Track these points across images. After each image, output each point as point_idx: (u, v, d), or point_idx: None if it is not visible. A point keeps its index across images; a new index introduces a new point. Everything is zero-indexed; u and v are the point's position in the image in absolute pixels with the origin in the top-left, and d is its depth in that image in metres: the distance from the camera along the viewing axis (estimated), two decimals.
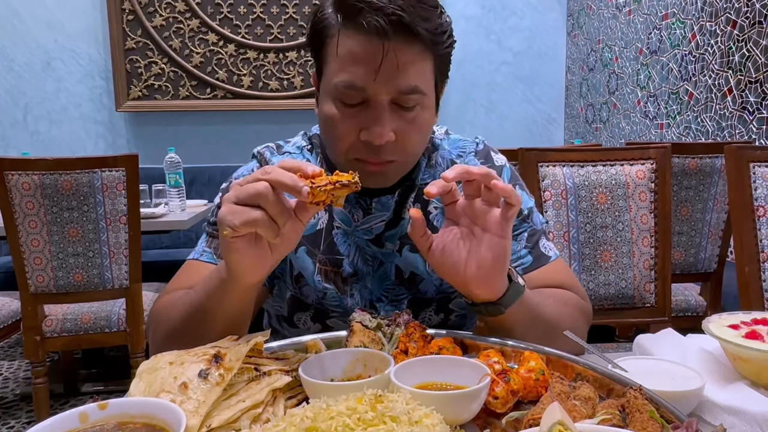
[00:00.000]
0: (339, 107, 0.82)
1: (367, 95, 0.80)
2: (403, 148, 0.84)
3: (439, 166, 0.97)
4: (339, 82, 0.80)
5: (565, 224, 1.62)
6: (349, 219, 0.94)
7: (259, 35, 3.82)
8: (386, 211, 0.93)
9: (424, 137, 0.88)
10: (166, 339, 0.82)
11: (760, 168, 1.34)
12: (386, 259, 0.94)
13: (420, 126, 0.84)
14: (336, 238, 0.94)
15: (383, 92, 0.79)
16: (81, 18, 3.74)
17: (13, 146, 3.78)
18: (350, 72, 0.79)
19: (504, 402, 0.64)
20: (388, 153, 0.82)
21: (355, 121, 0.81)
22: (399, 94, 0.80)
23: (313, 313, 0.96)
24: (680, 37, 2.79)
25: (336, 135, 0.83)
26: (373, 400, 0.57)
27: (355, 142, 0.82)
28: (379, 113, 0.80)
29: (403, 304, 0.95)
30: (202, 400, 0.58)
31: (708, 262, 2.13)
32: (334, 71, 0.81)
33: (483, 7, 4.02)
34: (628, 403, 0.60)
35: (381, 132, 0.79)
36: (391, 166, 0.85)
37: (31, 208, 2.05)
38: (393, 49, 0.77)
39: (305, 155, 0.98)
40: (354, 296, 0.94)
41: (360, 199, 0.92)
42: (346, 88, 0.80)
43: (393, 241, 0.93)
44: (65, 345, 2.26)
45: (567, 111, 4.17)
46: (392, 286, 0.95)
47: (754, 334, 0.76)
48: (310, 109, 3.86)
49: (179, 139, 3.86)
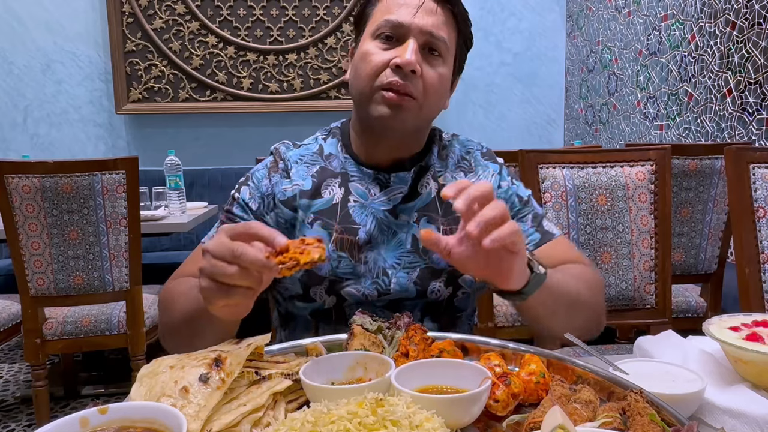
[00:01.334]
0: (377, 44, 0.95)
1: (404, 32, 0.94)
2: (424, 88, 0.94)
3: (450, 159, 1.08)
4: (384, 20, 0.95)
5: (565, 226, 1.62)
6: (366, 194, 1.01)
7: (259, 37, 3.82)
8: (404, 185, 1.01)
9: (441, 90, 0.98)
10: (170, 332, 0.92)
11: (760, 169, 1.34)
12: (401, 230, 1.00)
13: (440, 75, 0.96)
14: (352, 210, 1.00)
15: (418, 31, 0.93)
16: (81, 20, 3.74)
17: (13, 149, 3.78)
18: (395, 13, 0.94)
19: (505, 405, 0.64)
20: (411, 84, 0.93)
21: (389, 54, 0.94)
22: (430, 37, 0.94)
23: (328, 285, 0.98)
24: (679, 38, 2.80)
25: (370, 65, 0.94)
26: (373, 404, 0.57)
27: (385, 70, 0.93)
28: (412, 44, 0.93)
29: (416, 272, 0.99)
30: (203, 404, 0.58)
31: (708, 264, 2.13)
32: (380, 15, 0.96)
33: (482, 9, 4.02)
34: (629, 406, 0.60)
35: (411, 57, 0.91)
36: (410, 102, 0.94)
37: (32, 211, 2.05)
38: (433, 2, 0.95)
39: (319, 142, 1.07)
40: (368, 263, 0.98)
41: (379, 174, 1.01)
42: (389, 24, 0.94)
43: (409, 213, 1.01)
44: (65, 348, 2.25)
45: (566, 112, 4.17)
46: (407, 253, 1.00)
47: (754, 336, 0.76)
48: (310, 111, 3.90)
49: (179, 141, 3.86)
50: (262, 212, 1.01)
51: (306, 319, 1.03)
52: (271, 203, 1.01)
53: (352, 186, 1.01)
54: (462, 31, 1.00)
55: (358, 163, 1.03)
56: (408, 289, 0.99)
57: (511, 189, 1.07)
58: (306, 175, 1.02)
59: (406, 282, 0.99)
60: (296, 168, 1.03)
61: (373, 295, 0.98)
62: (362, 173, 1.02)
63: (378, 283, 0.98)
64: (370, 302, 0.99)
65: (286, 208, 1.00)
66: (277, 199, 1.01)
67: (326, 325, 1.01)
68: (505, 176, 1.09)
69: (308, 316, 1.02)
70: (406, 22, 0.93)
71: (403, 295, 0.99)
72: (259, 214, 1.01)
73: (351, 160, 1.03)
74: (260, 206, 1.01)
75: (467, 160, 1.09)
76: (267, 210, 1.01)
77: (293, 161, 1.04)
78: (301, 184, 1.01)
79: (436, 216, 1.01)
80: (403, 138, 1.00)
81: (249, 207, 1.02)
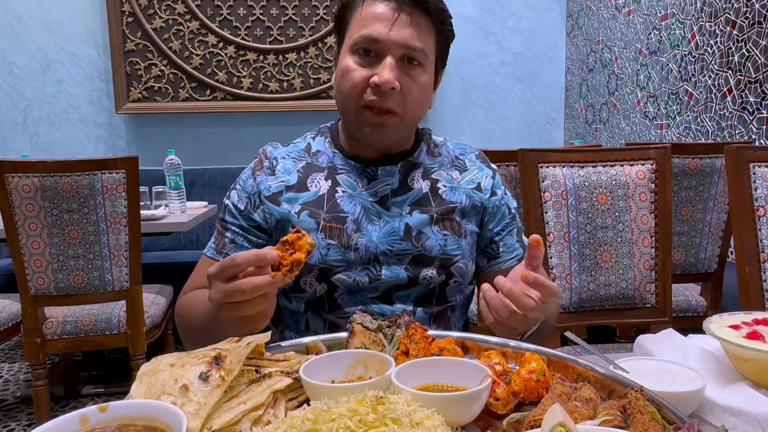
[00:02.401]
0: (355, 60, 0.96)
1: (381, 48, 0.94)
2: (404, 101, 0.96)
3: (444, 158, 1.10)
4: (360, 36, 0.95)
5: (566, 225, 1.62)
6: (354, 185, 1.03)
7: (259, 37, 3.82)
8: (391, 177, 1.03)
9: (422, 101, 1.00)
10: (193, 339, 0.95)
11: (760, 168, 1.34)
12: (393, 219, 1.02)
13: (420, 85, 0.97)
14: (340, 200, 1.02)
15: (395, 45, 0.94)
16: (81, 20, 3.74)
17: (13, 149, 3.78)
18: (370, 28, 0.94)
19: (505, 403, 0.64)
20: (392, 102, 0.95)
21: (368, 70, 0.95)
22: (407, 50, 0.94)
23: (318, 274, 0.99)
24: (680, 37, 2.80)
25: (350, 82, 0.96)
26: (374, 402, 0.57)
27: (365, 88, 0.95)
28: (389, 61, 0.94)
29: (407, 259, 1.00)
30: (203, 402, 0.58)
31: (708, 263, 2.13)
32: (356, 29, 0.96)
33: (482, 8, 4.02)
34: (630, 405, 0.60)
35: (389, 76, 0.92)
36: (391, 119, 0.96)
37: (32, 211, 2.05)
38: (406, 12, 0.94)
39: (308, 140, 1.10)
40: (359, 250, 0.99)
41: (367, 168, 1.03)
42: (365, 40, 0.94)
43: (401, 206, 1.03)
44: (66, 347, 2.25)
45: (567, 111, 4.17)
46: (399, 240, 1.01)
47: (755, 334, 0.76)
48: (310, 111, 3.89)
49: (179, 140, 3.86)
50: (249, 211, 1.04)
51: (298, 314, 1.04)
52: (257, 200, 1.04)
53: (340, 178, 1.04)
54: (440, 32, 1.00)
55: (346, 157, 1.05)
56: (399, 276, 1.00)
57: (504, 198, 1.10)
58: (292, 170, 1.05)
59: (397, 269, 1.00)
60: (283, 163, 1.05)
61: (365, 282, 0.99)
62: (350, 166, 1.05)
63: (369, 269, 0.99)
64: (361, 289, 0.99)
65: (272, 203, 1.02)
66: (262, 196, 1.03)
67: (318, 317, 1.02)
68: (499, 184, 1.11)
69: (301, 308, 1.03)
70: (382, 37, 0.94)
71: (395, 282, 1.00)
72: (247, 213, 1.04)
73: (339, 155, 1.06)
74: (247, 205, 1.04)
75: (461, 160, 1.11)
76: (254, 208, 1.04)
77: (280, 157, 1.06)
78: (287, 179, 1.04)
79: (429, 207, 1.03)
80: (389, 145, 1.03)
81: (237, 208, 1.05)
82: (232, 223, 1.05)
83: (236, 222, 1.04)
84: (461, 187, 1.06)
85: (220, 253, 1.03)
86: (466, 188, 1.07)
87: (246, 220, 1.04)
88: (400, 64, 0.95)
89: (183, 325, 1.00)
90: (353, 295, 1.00)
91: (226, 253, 1.02)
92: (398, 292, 1.01)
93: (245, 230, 1.04)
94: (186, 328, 0.99)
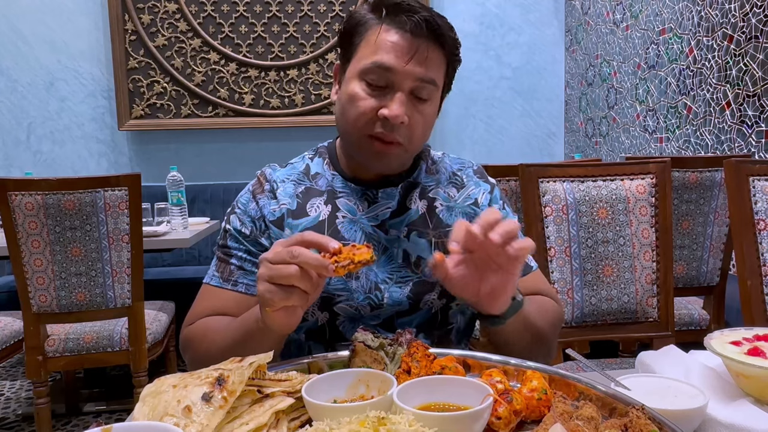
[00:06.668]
0: (364, 87, 0.93)
1: (393, 79, 0.92)
2: (410, 134, 0.95)
3: (442, 175, 1.09)
4: (372, 62, 0.92)
5: (566, 239, 1.62)
6: (354, 209, 1.02)
7: (260, 54, 3.86)
8: (391, 200, 1.02)
9: (427, 132, 0.99)
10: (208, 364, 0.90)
11: (760, 181, 1.34)
12: (391, 245, 1.01)
13: (426, 119, 0.97)
14: (341, 226, 1.01)
15: (408, 78, 0.92)
16: (84, 38, 3.78)
17: (16, 166, 3.80)
18: (385, 56, 0.91)
19: (507, 422, 0.64)
20: (398, 133, 0.93)
21: (376, 101, 0.93)
22: (420, 82, 0.93)
23: (320, 302, 0.98)
24: (678, 51, 2.82)
25: (357, 110, 0.93)
26: (375, 423, 0.57)
27: (373, 119, 0.93)
28: (400, 96, 0.92)
29: (408, 286, 0.99)
30: (206, 424, 0.58)
31: (710, 276, 2.13)
32: (367, 54, 0.93)
33: (481, 24, 4.06)
34: (631, 423, 0.60)
35: (399, 111, 0.91)
36: (396, 149, 0.95)
37: (34, 228, 2.06)
38: (425, 46, 0.92)
39: (306, 161, 1.08)
40: (360, 279, 0.98)
41: (366, 191, 1.02)
42: (378, 67, 0.92)
43: (399, 228, 1.01)
44: (67, 365, 2.25)
45: (567, 125, 4.19)
46: (398, 268, 1.00)
47: (756, 350, 0.76)
48: (311, 126, 3.92)
49: (181, 157, 3.88)
50: (256, 235, 1.01)
51: (299, 342, 1.02)
52: (263, 225, 1.01)
53: (340, 202, 1.02)
54: (451, 62, 0.99)
55: (345, 179, 1.04)
56: (401, 303, 0.99)
57: (502, 212, 1.08)
58: (292, 194, 1.02)
59: (399, 296, 0.99)
60: (283, 186, 1.03)
61: (366, 310, 0.98)
62: (350, 189, 1.03)
63: (371, 297, 0.98)
64: (363, 316, 0.99)
65: (277, 228, 1.00)
66: (267, 221, 1.01)
67: (320, 345, 1.01)
68: (497, 198, 1.10)
69: (302, 337, 1.01)
70: (398, 68, 0.91)
71: (397, 308, 0.99)
72: (253, 237, 1.01)
73: (338, 177, 1.04)
74: (253, 230, 1.01)
75: (459, 176, 1.09)
76: (260, 233, 1.01)
77: (280, 180, 1.04)
78: (288, 203, 1.02)
79: (426, 230, 1.02)
80: (390, 171, 1.03)
81: (242, 233, 1.01)
82: (236, 249, 1.01)
83: (242, 247, 1.00)
84: (458, 207, 1.05)
85: (227, 281, 0.99)
86: (463, 206, 1.06)
87: (253, 245, 1.00)
88: (409, 97, 0.93)
89: (198, 350, 0.95)
90: (355, 323, 0.98)
91: (234, 281, 0.99)
92: (400, 319, 1.00)
93: (253, 255, 1.00)
94: (204, 352, 0.93)
